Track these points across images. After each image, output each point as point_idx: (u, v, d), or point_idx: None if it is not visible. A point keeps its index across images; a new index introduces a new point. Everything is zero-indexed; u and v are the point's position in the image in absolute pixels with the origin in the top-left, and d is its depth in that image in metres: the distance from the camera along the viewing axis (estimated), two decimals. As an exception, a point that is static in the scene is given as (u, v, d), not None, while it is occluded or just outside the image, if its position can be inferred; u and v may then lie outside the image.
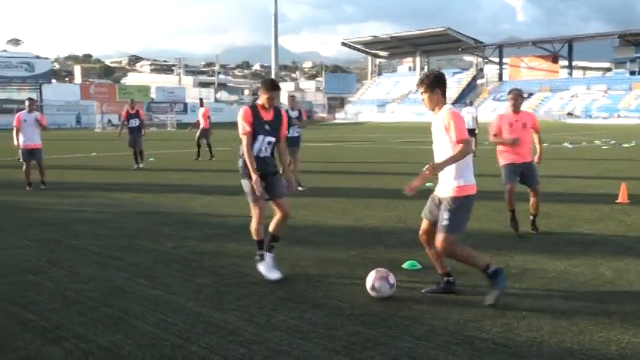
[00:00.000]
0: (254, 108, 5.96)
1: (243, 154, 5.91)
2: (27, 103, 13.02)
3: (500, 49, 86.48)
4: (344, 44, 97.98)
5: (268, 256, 5.95)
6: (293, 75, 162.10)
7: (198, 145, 20.18)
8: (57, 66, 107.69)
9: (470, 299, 5.18)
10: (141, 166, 17.08)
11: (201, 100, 22.42)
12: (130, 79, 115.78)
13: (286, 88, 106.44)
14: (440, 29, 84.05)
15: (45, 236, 7.84)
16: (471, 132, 20.71)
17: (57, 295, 5.35)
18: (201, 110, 20.92)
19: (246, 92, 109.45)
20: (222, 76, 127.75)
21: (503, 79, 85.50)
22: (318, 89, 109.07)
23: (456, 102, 79.01)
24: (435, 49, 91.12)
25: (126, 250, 7.10)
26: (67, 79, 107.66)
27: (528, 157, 7.95)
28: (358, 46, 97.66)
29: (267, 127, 5.96)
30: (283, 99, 24.16)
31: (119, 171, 16.62)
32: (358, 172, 15.66)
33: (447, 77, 5.60)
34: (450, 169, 5.06)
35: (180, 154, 19.00)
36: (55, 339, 4.33)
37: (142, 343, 4.23)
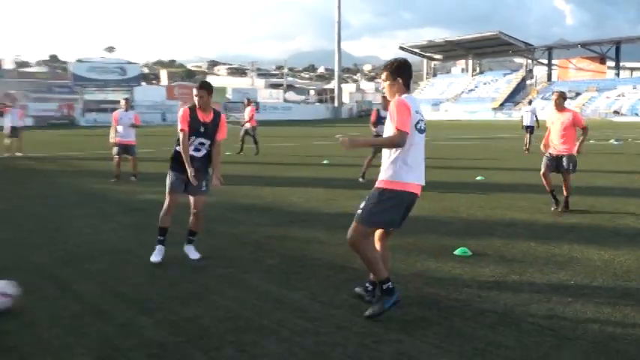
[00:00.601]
0: (192, 109, 5.83)
1: (177, 148, 5.90)
2: (123, 102, 13.24)
3: (549, 51, 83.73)
4: (401, 48, 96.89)
5: (159, 247, 5.93)
6: (354, 77, 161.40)
7: (243, 141, 19.84)
8: (146, 70, 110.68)
9: (517, 286, 5.08)
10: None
11: (248, 99, 21.98)
12: (209, 82, 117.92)
13: (347, 89, 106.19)
14: (491, 33, 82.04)
15: (135, 220, 8.12)
16: (529, 129, 20.21)
17: (146, 272, 5.55)
18: (248, 109, 20.53)
19: (312, 92, 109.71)
20: (290, 79, 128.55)
21: (552, 79, 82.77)
22: (377, 90, 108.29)
23: (505, 101, 77.03)
24: (487, 51, 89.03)
25: (204, 233, 7.24)
26: (154, 81, 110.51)
27: (567, 150, 8.45)
28: (415, 50, 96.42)
29: (201, 128, 5.83)
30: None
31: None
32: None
33: (496, 78, 5.22)
34: (385, 161, 4.36)
35: (251, 148, 19.23)
36: (145, 310, 4.50)
37: (220, 316, 4.35)
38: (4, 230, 7.52)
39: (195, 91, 5.81)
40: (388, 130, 4.28)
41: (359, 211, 4.36)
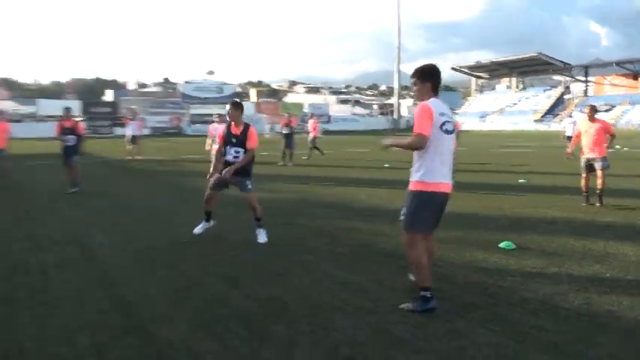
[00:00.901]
0: (228, 124, 6.18)
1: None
2: (216, 117, 13.83)
3: (586, 69, 79.31)
4: (453, 69, 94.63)
5: (203, 224, 6.46)
6: (411, 94, 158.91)
7: (311, 148, 19.59)
8: (239, 89, 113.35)
9: (557, 277, 4.81)
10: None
11: (312, 114, 21.84)
12: (289, 98, 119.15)
13: (405, 103, 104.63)
14: (532, 54, 78.47)
15: (230, 213, 8.28)
16: (570, 138, 19.12)
17: (236, 256, 5.64)
18: (311, 122, 20.42)
19: (375, 107, 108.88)
20: (356, 95, 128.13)
21: (589, 94, 78.44)
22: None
23: (546, 114, 73.63)
24: (529, 70, 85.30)
25: (286, 225, 7.33)
26: (245, 98, 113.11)
27: (598, 153, 8.46)
28: (464, 70, 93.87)
29: (233, 139, 6.13)
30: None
31: (281, 165, 17.21)
32: (460, 170, 15.08)
33: (537, 93, 4.85)
34: (414, 162, 4.00)
35: (327, 153, 19.30)
36: (236, 286, 4.58)
37: (298, 295, 4.36)
38: (126, 217, 7.86)
39: (227, 108, 6.23)
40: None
41: (403, 218, 3.99)
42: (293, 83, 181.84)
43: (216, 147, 12.79)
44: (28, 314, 3.95)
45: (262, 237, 6.19)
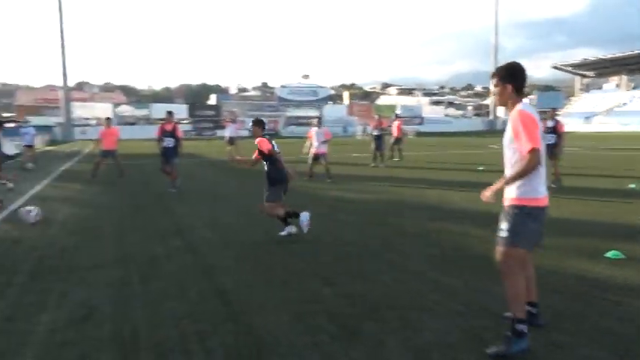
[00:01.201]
0: (269, 137, 6.70)
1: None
2: (315, 121, 14.21)
3: None
4: (555, 67, 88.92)
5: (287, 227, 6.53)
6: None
7: (395, 150, 19.43)
8: (332, 92, 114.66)
9: (673, 290, 4.36)
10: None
11: (396, 114, 21.45)
12: (382, 100, 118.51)
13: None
14: (645, 51, 71.80)
15: (321, 212, 8.39)
16: None
17: (329, 253, 5.71)
18: (395, 123, 20.14)
19: (469, 108, 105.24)
20: (450, 96, 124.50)
21: None
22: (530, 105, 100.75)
23: (662, 113, 66.76)
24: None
25: (377, 224, 7.30)
26: (338, 101, 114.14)
27: None
28: (567, 69, 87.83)
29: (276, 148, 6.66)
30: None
31: (374, 167, 17.16)
32: (565, 173, 14.11)
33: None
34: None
35: (416, 155, 18.99)
36: (328, 283, 4.64)
37: (388, 293, 4.34)
38: (226, 213, 8.26)
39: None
40: (509, 145, 3.42)
41: (503, 234, 3.32)
42: (386, 85, 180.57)
43: (313, 150, 13.32)
44: (141, 299, 4.29)
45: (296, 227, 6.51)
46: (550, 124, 11.15)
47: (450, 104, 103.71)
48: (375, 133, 17.72)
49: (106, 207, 9.29)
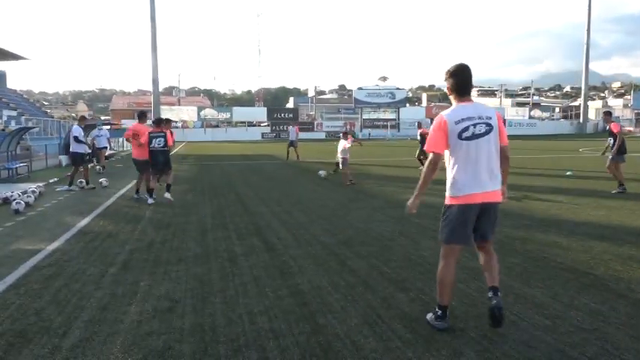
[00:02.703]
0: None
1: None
2: (419, 123, 14.39)
3: None
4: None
5: None
6: (601, 94, 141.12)
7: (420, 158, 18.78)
8: (410, 94, 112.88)
9: None
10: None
11: (418, 122, 21.31)
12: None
13: (594, 105, 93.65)
14: None
15: (396, 214, 8.30)
16: None
17: (404, 257, 5.63)
18: (419, 131, 19.76)
19: (557, 110, 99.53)
20: (536, 97, 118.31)
21: None
22: (625, 106, 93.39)
23: None
24: None
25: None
26: (416, 103, 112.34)
27: None
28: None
29: None
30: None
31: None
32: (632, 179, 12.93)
33: None
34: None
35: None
36: (402, 288, 4.57)
37: (465, 302, 4.20)
38: (304, 216, 8.38)
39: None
40: None
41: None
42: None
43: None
44: (220, 295, 4.45)
45: None
46: (608, 127, 10.97)
47: (536, 105, 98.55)
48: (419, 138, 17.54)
49: (190, 205, 9.76)
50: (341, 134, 14.73)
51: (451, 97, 3.69)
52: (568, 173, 14.73)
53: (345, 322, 3.78)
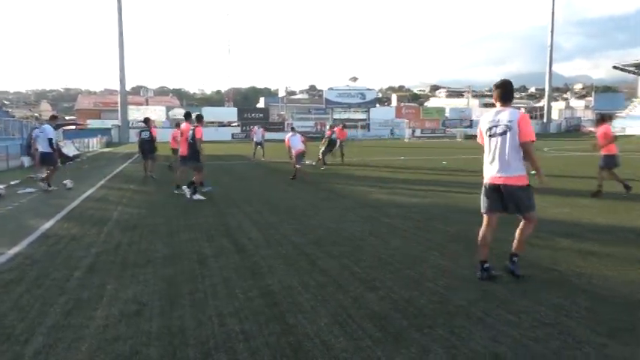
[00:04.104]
0: None
1: None
2: (289, 128, 14.78)
3: None
4: (615, 67, 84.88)
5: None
6: (564, 95, 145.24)
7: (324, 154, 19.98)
8: (380, 95, 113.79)
9: None
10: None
11: (337, 122, 23.29)
12: (431, 103, 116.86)
13: (557, 106, 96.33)
14: None
15: (367, 214, 8.37)
16: None
17: (374, 257, 5.67)
18: (336, 130, 21.40)
19: (522, 110, 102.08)
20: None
21: None
22: (587, 107, 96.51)
23: None
24: None
25: (423, 229, 7.19)
26: (386, 103, 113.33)
27: None
28: (629, 68, 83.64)
29: None
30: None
31: (420, 170, 16.96)
32: (626, 178, 13.41)
33: None
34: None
35: (467, 159, 18.56)
36: (373, 287, 4.60)
37: (433, 299, 4.26)
38: (275, 216, 8.36)
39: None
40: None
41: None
42: (435, 87, 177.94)
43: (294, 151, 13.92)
44: (189, 297, 4.40)
45: None
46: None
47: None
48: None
49: (158, 206, 9.61)
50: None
51: (496, 103, 4.78)
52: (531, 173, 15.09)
53: (316, 322, 3.78)
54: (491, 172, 4.69)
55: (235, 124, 65.63)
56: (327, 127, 24.80)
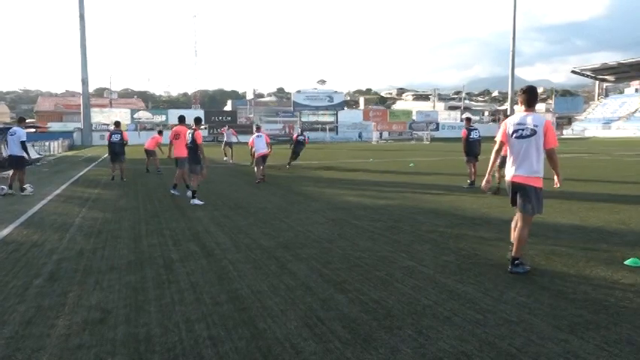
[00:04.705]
0: None
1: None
2: (254, 128, 14.81)
3: None
4: (573, 72, 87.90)
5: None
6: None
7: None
8: (348, 97, 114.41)
9: (695, 299, 4.24)
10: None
11: (228, 125, 24.60)
12: (398, 106, 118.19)
13: (519, 109, 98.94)
14: (670, 54, 70.49)
15: (336, 216, 8.40)
16: None
17: (343, 259, 5.69)
18: (229, 131, 24.43)
19: (486, 113, 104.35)
20: (467, 102, 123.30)
21: None
22: (547, 110, 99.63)
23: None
24: (664, 72, 76.63)
25: (391, 230, 7.26)
26: (354, 106, 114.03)
27: None
28: (586, 73, 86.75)
29: None
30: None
31: (388, 172, 17.14)
32: (582, 179, 13.91)
33: None
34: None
35: (433, 161, 18.84)
36: (342, 289, 4.61)
37: (402, 300, 4.30)
38: (243, 220, 8.29)
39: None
40: None
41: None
42: (402, 91, 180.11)
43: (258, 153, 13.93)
44: (156, 303, 4.31)
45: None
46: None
47: (466, 109, 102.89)
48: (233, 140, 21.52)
49: (123, 210, 9.40)
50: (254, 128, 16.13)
51: (521, 107, 5.15)
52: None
53: (285, 326, 3.77)
54: (512, 171, 5.03)
55: (203, 127, 64.94)
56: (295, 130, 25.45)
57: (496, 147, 5.32)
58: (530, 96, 5.10)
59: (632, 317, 3.84)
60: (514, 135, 5.02)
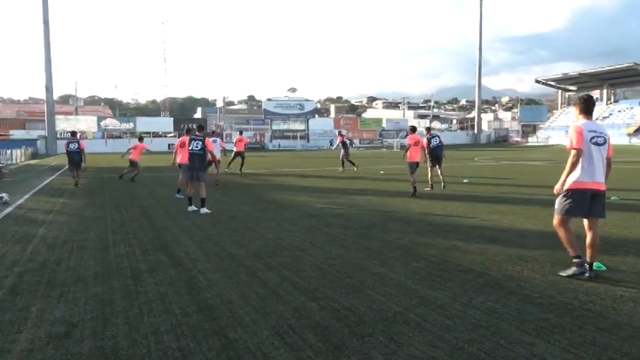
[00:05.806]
0: None
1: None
2: (211, 133, 15.55)
3: (688, 79, 72.72)
4: (537, 81, 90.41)
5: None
6: (492, 107, 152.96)
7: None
8: (319, 106, 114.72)
9: (654, 301, 4.40)
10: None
11: (214, 131, 24.14)
12: (368, 114, 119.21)
13: (486, 118, 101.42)
14: (627, 65, 72.97)
15: (308, 224, 8.40)
16: None
17: (315, 267, 5.68)
18: (217, 140, 24.50)
19: (454, 121, 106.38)
20: (435, 110, 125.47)
21: (691, 105, 71.67)
22: (513, 118, 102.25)
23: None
24: (622, 82, 79.37)
25: (362, 237, 7.29)
26: (325, 114, 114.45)
27: None
28: (550, 83, 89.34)
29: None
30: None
31: (359, 179, 17.23)
32: (547, 185, 14.25)
33: (632, 106, 5.41)
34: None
35: (403, 168, 19.04)
36: (313, 297, 4.60)
37: (373, 307, 4.32)
38: (213, 228, 8.20)
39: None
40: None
41: (555, 206, 5.22)
42: (372, 99, 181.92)
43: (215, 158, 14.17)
44: (123, 315, 4.21)
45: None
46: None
47: (435, 117, 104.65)
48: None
49: (89, 220, 9.17)
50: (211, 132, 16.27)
51: (579, 115, 5.21)
52: (465, 181, 15.68)
53: (256, 335, 3.73)
54: (591, 178, 4.98)
55: (172, 134, 64.00)
56: (338, 132, 25.26)
57: (574, 158, 4.98)
58: (590, 105, 5.20)
59: (595, 320, 3.95)
60: (592, 141, 5.00)
